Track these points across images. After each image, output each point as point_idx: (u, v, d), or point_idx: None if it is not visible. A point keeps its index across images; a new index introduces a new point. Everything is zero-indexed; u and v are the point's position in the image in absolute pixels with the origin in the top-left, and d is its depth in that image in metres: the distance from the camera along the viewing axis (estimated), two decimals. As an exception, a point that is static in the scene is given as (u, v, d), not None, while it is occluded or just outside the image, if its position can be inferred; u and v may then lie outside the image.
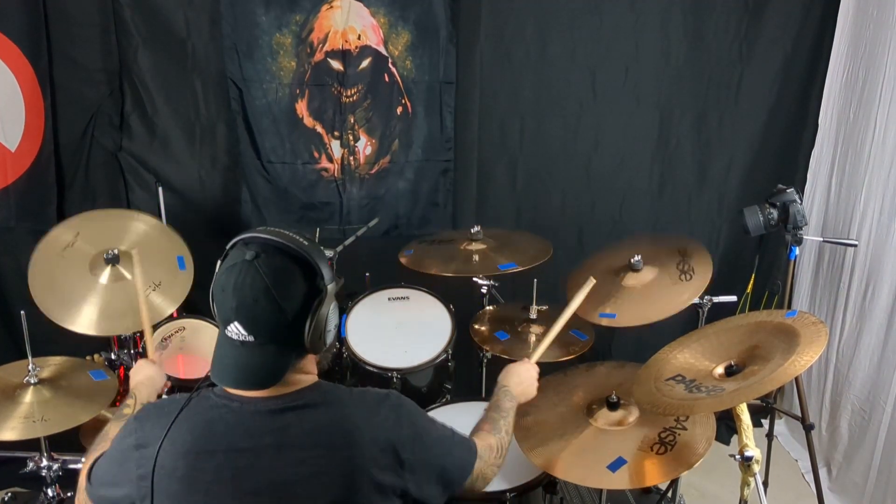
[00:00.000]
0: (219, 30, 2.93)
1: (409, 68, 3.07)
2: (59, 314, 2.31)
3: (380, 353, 2.57)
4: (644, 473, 1.91)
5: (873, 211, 2.89)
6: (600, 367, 2.38)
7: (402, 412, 1.36)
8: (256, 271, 1.24)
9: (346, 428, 1.28)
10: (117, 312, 2.35)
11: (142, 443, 1.28)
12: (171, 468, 1.25)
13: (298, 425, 1.27)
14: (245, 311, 1.23)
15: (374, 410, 1.33)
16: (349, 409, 1.32)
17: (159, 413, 1.30)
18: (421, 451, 1.35)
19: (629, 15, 3.09)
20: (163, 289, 2.42)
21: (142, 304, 2.17)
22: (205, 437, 1.27)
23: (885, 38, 2.82)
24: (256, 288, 1.23)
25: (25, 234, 3.04)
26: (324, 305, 1.27)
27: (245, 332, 1.24)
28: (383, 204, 3.21)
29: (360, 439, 1.27)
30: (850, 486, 2.97)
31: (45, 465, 2.26)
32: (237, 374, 1.27)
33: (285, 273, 1.26)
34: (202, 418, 1.28)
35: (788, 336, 1.82)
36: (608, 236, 3.33)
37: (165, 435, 1.25)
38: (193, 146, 3.08)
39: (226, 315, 1.25)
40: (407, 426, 1.35)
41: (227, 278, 1.26)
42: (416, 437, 1.35)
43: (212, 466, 1.25)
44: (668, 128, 3.26)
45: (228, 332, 1.25)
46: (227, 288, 1.25)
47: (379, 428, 1.30)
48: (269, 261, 1.25)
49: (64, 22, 2.85)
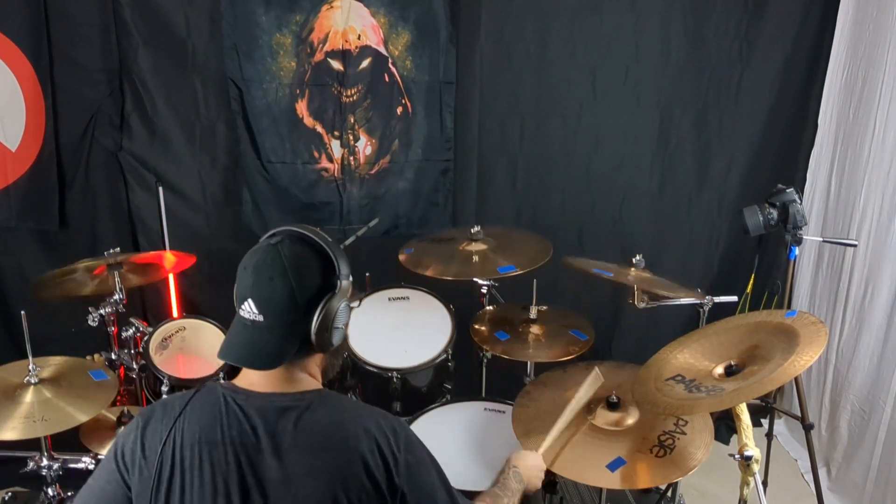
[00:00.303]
0: (219, 30, 2.93)
1: (409, 68, 3.07)
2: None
3: (380, 353, 2.57)
4: (642, 475, 1.92)
5: (873, 211, 2.89)
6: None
7: (402, 437, 1.34)
8: (277, 253, 1.29)
9: (345, 433, 1.29)
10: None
11: (147, 435, 1.30)
12: (178, 458, 1.27)
13: (300, 425, 1.29)
14: (259, 289, 1.28)
15: (376, 423, 1.34)
16: (350, 416, 1.33)
17: (164, 408, 1.33)
18: (414, 484, 1.32)
19: (629, 15, 3.09)
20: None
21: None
22: (210, 429, 1.28)
23: (884, 38, 2.82)
24: (274, 268, 1.28)
25: (26, 233, 3.05)
26: (335, 300, 1.31)
27: (256, 311, 1.28)
28: (383, 204, 3.21)
29: (358, 446, 1.28)
30: (850, 485, 2.98)
31: (45, 465, 2.27)
32: (240, 351, 1.30)
33: (304, 260, 1.31)
34: (209, 410, 1.30)
35: (788, 336, 1.82)
36: (608, 236, 3.33)
37: (173, 426, 1.28)
38: (193, 146, 3.08)
39: (242, 292, 1.30)
40: (404, 451, 1.33)
41: (250, 258, 1.32)
42: (412, 465, 1.33)
43: (215, 458, 1.27)
44: (669, 128, 3.26)
45: (242, 311, 1.30)
46: (249, 266, 1.30)
47: (377, 440, 1.30)
48: (291, 246, 1.31)
49: (64, 22, 2.86)
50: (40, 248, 3.09)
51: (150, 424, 1.31)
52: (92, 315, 2.57)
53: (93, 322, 2.57)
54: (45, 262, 2.97)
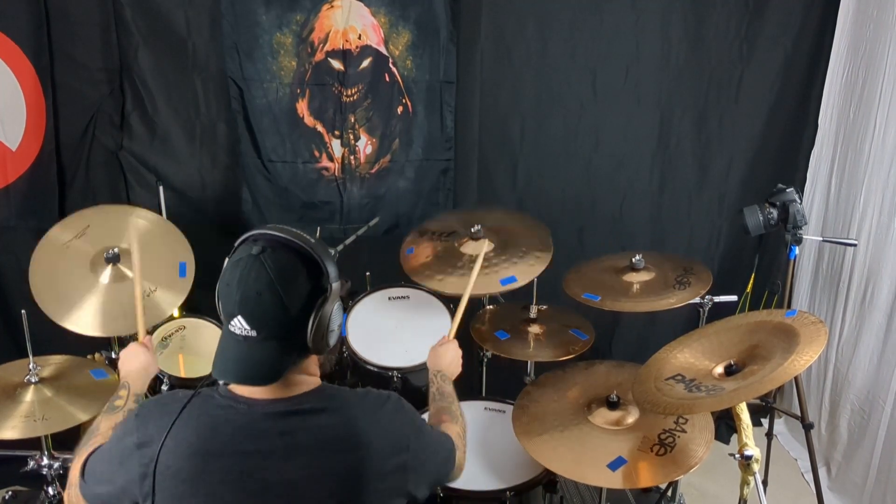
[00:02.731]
0: (219, 29, 2.93)
1: (409, 68, 3.07)
2: (59, 314, 2.31)
3: (380, 353, 2.57)
4: (643, 474, 1.92)
5: (873, 210, 2.89)
6: (600, 365, 2.39)
7: (404, 414, 1.39)
8: (262, 265, 1.24)
9: (353, 431, 1.29)
10: (118, 312, 2.35)
11: (144, 441, 1.27)
12: (177, 469, 1.24)
13: (305, 429, 1.28)
14: (248, 304, 1.23)
15: (378, 413, 1.34)
16: (354, 413, 1.32)
17: (161, 411, 1.30)
18: (420, 452, 1.37)
19: (630, 14, 3.09)
20: (160, 292, 2.42)
21: (137, 283, 2.04)
22: (211, 439, 1.26)
23: (885, 38, 2.82)
24: (261, 282, 1.23)
25: (26, 233, 3.04)
26: (327, 304, 1.27)
27: (248, 327, 1.23)
28: (384, 203, 3.21)
29: (367, 442, 1.28)
30: (850, 485, 2.98)
31: (45, 464, 2.27)
32: (238, 369, 1.26)
33: (290, 269, 1.26)
34: (208, 419, 1.28)
35: (788, 335, 1.82)
36: (608, 236, 3.33)
37: (167, 433, 1.24)
38: (194, 145, 3.08)
39: (230, 309, 1.25)
40: (409, 428, 1.37)
41: (232, 273, 1.26)
42: (416, 439, 1.37)
43: (218, 468, 1.25)
44: (669, 127, 3.26)
45: (232, 327, 1.25)
46: (232, 282, 1.25)
47: (384, 431, 1.31)
48: (274, 256, 1.25)
49: (65, 21, 2.85)
50: (40, 247, 3.08)
51: (147, 427, 1.28)
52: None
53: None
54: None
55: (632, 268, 2.56)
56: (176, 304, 2.43)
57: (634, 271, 2.55)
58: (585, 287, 2.51)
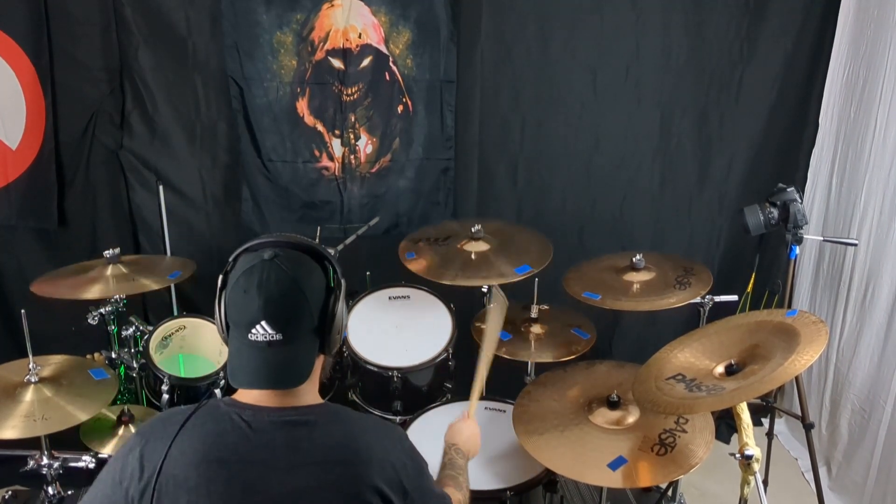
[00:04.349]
0: (219, 28, 2.93)
1: (409, 67, 3.07)
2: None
3: (380, 352, 2.57)
4: (644, 474, 1.92)
5: (873, 210, 2.89)
6: (600, 365, 2.39)
7: (407, 447, 1.37)
8: (279, 267, 1.24)
9: (357, 445, 1.28)
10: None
11: (146, 454, 1.26)
12: (183, 478, 1.23)
13: (310, 440, 1.27)
14: (273, 307, 1.23)
15: (383, 434, 1.34)
16: (359, 428, 1.32)
17: (164, 425, 1.29)
18: (419, 491, 1.34)
19: (630, 14, 3.09)
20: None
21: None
22: (216, 447, 1.25)
23: (885, 38, 2.82)
24: (283, 282, 1.24)
25: (26, 232, 3.05)
26: (340, 301, 1.30)
27: (272, 331, 1.23)
28: (384, 203, 3.20)
29: (370, 458, 1.27)
30: (850, 484, 2.98)
31: (45, 464, 2.27)
32: (268, 374, 1.26)
33: (306, 266, 1.28)
34: (213, 428, 1.27)
35: (788, 335, 1.82)
36: (609, 235, 3.33)
37: (172, 443, 1.24)
38: (194, 145, 3.08)
39: (251, 317, 1.23)
40: (411, 460, 1.35)
41: (247, 280, 1.25)
42: (417, 475, 1.35)
43: (223, 477, 1.24)
44: (669, 127, 3.25)
45: (252, 336, 1.23)
46: (251, 289, 1.24)
47: (387, 451, 1.31)
48: (288, 256, 1.27)
49: (65, 20, 2.86)
50: (40, 246, 3.08)
51: (149, 443, 1.27)
52: (92, 314, 2.57)
53: (93, 321, 2.57)
54: (45, 262, 2.97)
55: (632, 267, 2.56)
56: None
57: (635, 271, 2.56)
58: (586, 286, 2.52)
